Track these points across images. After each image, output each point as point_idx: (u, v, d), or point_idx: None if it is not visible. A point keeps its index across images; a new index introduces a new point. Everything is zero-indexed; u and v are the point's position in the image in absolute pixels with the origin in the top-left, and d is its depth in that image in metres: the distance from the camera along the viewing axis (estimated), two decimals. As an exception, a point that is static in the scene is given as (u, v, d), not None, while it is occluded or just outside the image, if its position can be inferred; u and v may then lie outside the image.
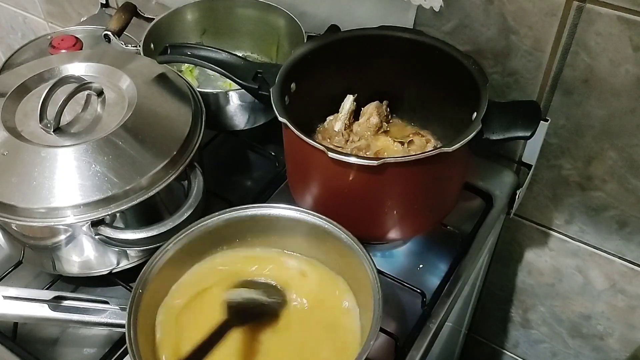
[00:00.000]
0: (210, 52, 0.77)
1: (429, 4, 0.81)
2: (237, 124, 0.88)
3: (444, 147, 0.64)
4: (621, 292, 0.98)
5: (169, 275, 0.65)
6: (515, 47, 0.81)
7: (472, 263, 0.79)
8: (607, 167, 0.85)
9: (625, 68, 0.74)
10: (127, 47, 0.94)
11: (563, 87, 0.81)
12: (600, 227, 0.92)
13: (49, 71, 0.77)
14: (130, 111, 0.71)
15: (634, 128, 0.79)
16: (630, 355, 1.06)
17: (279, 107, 0.69)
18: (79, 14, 1.38)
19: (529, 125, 0.67)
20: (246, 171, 0.92)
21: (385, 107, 0.83)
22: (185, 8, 0.98)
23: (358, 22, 0.87)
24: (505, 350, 1.26)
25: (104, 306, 0.64)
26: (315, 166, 0.70)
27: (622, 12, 0.70)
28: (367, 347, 0.55)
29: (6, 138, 0.68)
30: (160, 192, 0.68)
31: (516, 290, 1.12)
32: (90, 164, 0.66)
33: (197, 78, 0.99)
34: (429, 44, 0.76)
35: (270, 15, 0.97)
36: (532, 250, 1.03)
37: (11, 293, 0.65)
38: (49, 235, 0.69)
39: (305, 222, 0.66)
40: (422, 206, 0.73)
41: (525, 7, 0.77)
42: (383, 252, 0.80)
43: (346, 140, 0.81)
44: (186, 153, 0.71)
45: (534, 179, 0.92)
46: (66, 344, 0.71)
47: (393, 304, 0.74)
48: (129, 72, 0.77)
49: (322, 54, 0.77)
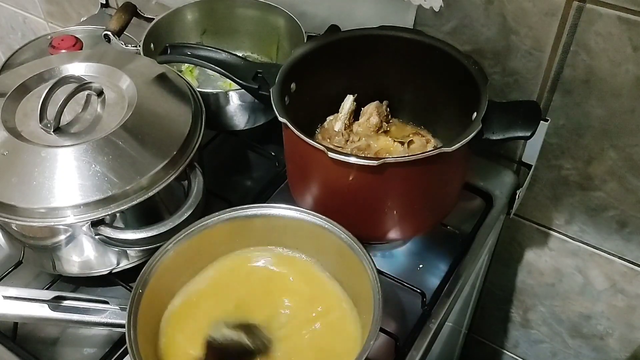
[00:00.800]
0: (210, 52, 0.77)
1: (429, 4, 0.81)
2: (237, 124, 0.88)
3: (444, 147, 0.64)
4: (621, 292, 0.98)
5: (169, 275, 0.65)
6: (515, 47, 0.81)
7: (472, 263, 0.79)
8: (607, 167, 0.85)
9: (625, 68, 0.74)
10: (127, 47, 0.94)
11: (563, 87, 0.81)
12: (600, 227, 0.92)
13: (49, 71, 0.77)
14: (130, 111, 0.71)
15: (634, 128, 0.79)
16: (630, 355, 1.06)
17: (279, 107, 0.69)
18: (79, 14, 1.38)
19: (529, 125, 0.67)
20: (246, 171, 0.92)
21: (385, 107, 0.83)
22: (185, 8, 0.98)
23: (358, 22, 0.87)
24: (505, 350, 1.26)
25: (104, 306, 0.64)
26: (315, 166, 0.70)
27: (622, 12, 0.70)
28: (367, 347, 0.55)
29: (6, 138, 0.68)
30: (160, 192, 0.68)
31: (516, 290, 1.12)
32: (90, 164, 0.66)
33: (197, 78, 0.99)
34: (429, 44, 0.76)
35: (270, 15, 0.97)
36: (532, 250, 1.03)
37: (11, 293, 0.65)
38: (49, 235, 0.69)
39: (305, 222, 0.66)
40: (422, 206, 0.73)
41: (525, 7, 0.77)
42: (383, 252, 0.80)
43: (346, 140, 0.81)
44: (186, 153, 0.71)
45: (534, 179, 0.92)
46: (66, 344, 0.71)
47: (393, 304, 0.74)
48: (129, 72, 0.77)
49: (322, 54, 0.77)
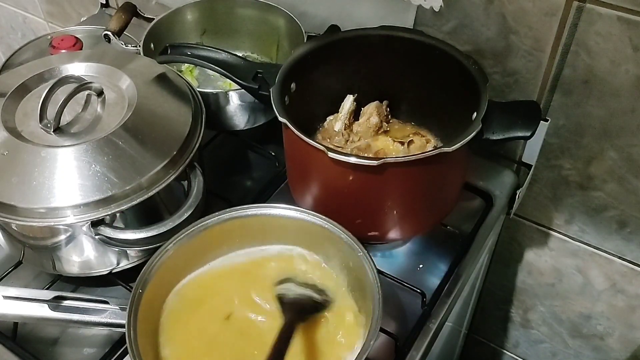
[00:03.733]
0: (210, 52, 0.77)
1: (429, 4, 0.81)
2: (237, 124, 0.88)
3: (444, 147, 0.64)
4: (621, 292, 0.98)
5: (169, 275, 0.65)
6: (515, 47, 0.81)
7: (472, 263, 0.79)
8: (607, 167, 0.85)
9: (625, 68, 0.74)
10: (127, 47, 0.94)
11: (563, 87, 0.81)
12: (600, 227, 0.92)
13: (49, 71, 0.77)
14: (130, 111, 0.71)
15: (634, 128, 0.79)
16: (630, 355, 1.06)
17: (279, 107, 0.69)
18: (79, 14, 1.38)
19: (529, 125, 0.67)
20: (246, 171, 0.92)
21: (385, 107, 0.83)
22: (185, 8, 0.98)
23: (358, 22, 0.87)
24: (505, 350, 1.26)
25: (104, 306, 0.64)
26: (315, 166, 0.70)
27: (622, 12, 0.70)
28: (367, 347, 0.55)
29: (6, 138, 0.68)
30: (160, 192, 0.68)
31: (516, 290, 1.12)
32: (90, 164, 0.66)
33: (197, 78, 0.99)
34: (429, 44, 0.76)
35: (270, 15, 0.97)
36: (532, 250, 1.03)
37: (11, 293, 0.65)
38: (49, 235, 0.69)
39: (305, 222, 0.66)
40: (422, 206, 0.73)
41: (525, 7, 0.77)
42: (383, 252, 0.80)
43: (346, 140, 0.81)
44: (186, 153, 0.71)
45: (534, 179, 0.92)
46: (66, 344, 0.71)
47: (393, 304, 0.74)
48: (129, 72, 0.77)
49: (322, 54, 0.77)
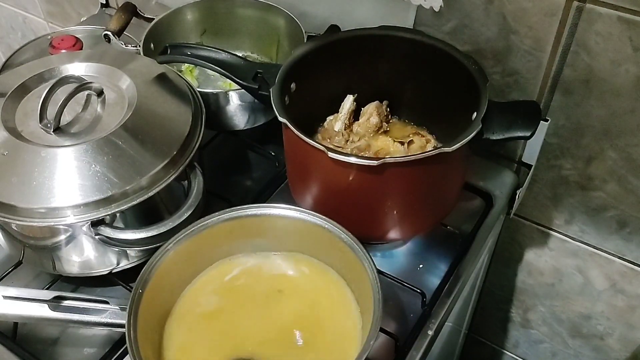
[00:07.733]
0: (210, 52, 0.77)
1: (429, 4, 0.81)
2: (237, 124, 0.88)
3: (444, 147, 0.64)
4: (621, 292, 0.98)
5: (169, 275, 0.65)
6: (515, 47, 0.81)
7: (472, 263, 0.79)
8: (607, 167, 0.85)
9: (625, 68, 0.74)
10: (127, 47, 0.94)
11: (563, 87, 0.81)
12: (600, 227, 0.92)
13: (49, 71, 0.77)
14: (130, 111, 0.71)
15: (634, 128, 0.79)
16: (630, 355, 1.06)
17: (279, 107, 0.68)
18: (79, 14, 1.38)
19: (529, 125, 0.67)
20: (246, 171, 0.92)
21: (385, 107, 0.83)
22: (185, 8, 0.98)
23: (358, 22, 0.87)
24: (505, 350, 1.26)
25: (104, 306, 0.64)
26: (315, 166, 0.70)
27: (622, 12, 0.70)
28: (367, 347, 0.55)
29: (6, 138, 0.68)
30: (160, 192, 0.68)
31: (516, 290, 1.12)
32: (90, 164, 0.66)
33: (197, 78, 0.99)
34: (429, 44, 0.76)
35: (270, 15, 0.97)
36: (532, 250, 1.03)
37: (11, 293, 0.65)
38: (49, 235, 0.69)
39: (305, 222, 0.66)
40: (422, 206, 0.73)
41: (525, 7, 0.77)
42: (383, 252, 0.80)
43: (346, 140, 0.81)
44: (186, 153, 0.71)
45: (534, 179, 0.92)
46: (66, 344, 0.71)
47: (393, 304, 0.73)
48: (129, 72, 0.77)
49: (322, 54, 0.77)
